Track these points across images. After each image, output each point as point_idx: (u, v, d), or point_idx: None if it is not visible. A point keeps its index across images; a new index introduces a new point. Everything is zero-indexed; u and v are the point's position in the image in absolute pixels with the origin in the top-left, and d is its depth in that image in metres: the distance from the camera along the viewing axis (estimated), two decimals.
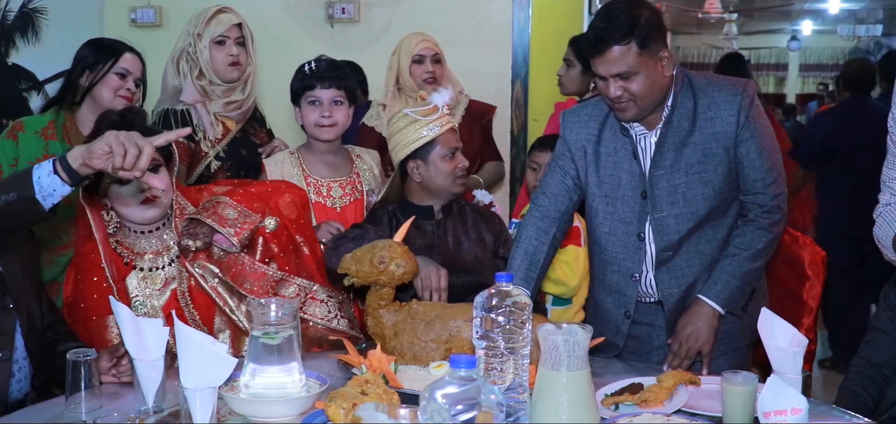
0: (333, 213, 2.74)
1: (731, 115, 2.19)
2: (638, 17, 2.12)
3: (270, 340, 1.80)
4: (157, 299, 2.26)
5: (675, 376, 1.94)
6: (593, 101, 2.40)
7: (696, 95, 2.23)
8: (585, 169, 2.35)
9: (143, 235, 2.30)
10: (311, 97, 2.72)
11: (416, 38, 3.47)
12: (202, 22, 2.98)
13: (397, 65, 3.45)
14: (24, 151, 2.71)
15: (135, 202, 2.23)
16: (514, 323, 1.66)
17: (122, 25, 4.57)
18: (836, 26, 15.03)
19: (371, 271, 2.12)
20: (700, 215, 2.24)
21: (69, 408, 1.83)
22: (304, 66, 2.78)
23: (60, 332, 2.20)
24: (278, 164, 2.78)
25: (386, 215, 2.58)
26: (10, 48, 4.88)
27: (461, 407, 1.41)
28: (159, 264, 2.29)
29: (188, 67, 2.99)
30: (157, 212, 2.27)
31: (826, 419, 1.85)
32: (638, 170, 2.28)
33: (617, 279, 2.35)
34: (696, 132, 2.21)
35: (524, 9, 4.70)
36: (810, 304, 2.74)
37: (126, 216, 2.27)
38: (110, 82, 2.73)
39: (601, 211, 2.33)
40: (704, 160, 2.22)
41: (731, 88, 2.22)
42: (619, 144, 2.30)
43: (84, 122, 2.78)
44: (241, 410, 1.79)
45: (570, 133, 2.38)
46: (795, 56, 17.03)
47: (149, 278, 2.27)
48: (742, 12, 14.01)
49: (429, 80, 3.39)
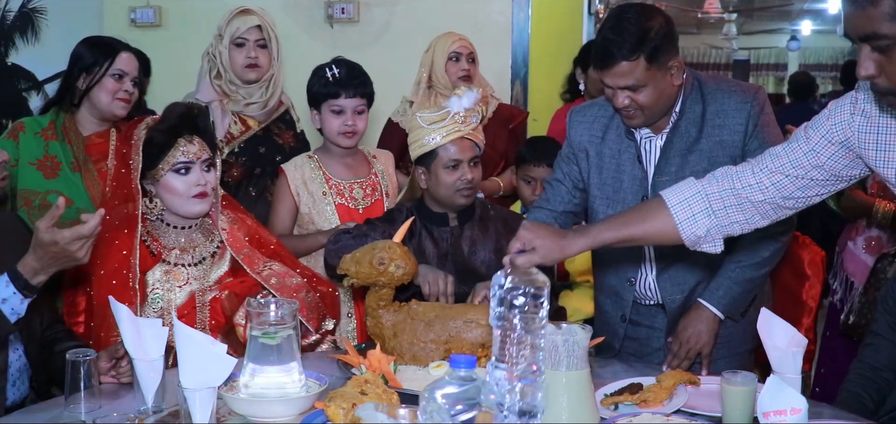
0: (356, 214, 2.75)
1: (739, 123, 2.17)
2: (647, 31, 2.08)
3: (270, 340, 1.80)
4: (176, 295, 2.28)
5: (675, 376, 1.94)
6: (600, 100, 2.37)
7: (705, 101, 2.20)
8: (588, 171, 2.34)
9: (175, 229, 2.33)
10: (336, 106, 2.72)
11: (452, 36, 3.49)
12: (225, 21, 3.00)
13: (431, 63, 3.47)
14: (24, 152, 2.72)
15: (189, 195, 2.26)
16: (532, 304, 1.60)
17: (122, 25, 4.57)
18: (835, 26, 15.02)
19: (371, 272, 2.12)
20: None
21: (68, 408, 1.82)
22: (325, 70, 2.74)
23: (59, 332, 2.19)
24: (298, 168, 2.78)
25: (402, 216, 2.55)
26: (9, 48, 4.88)
27: (461, 407, 1.40)
28: (185, 260, 2.31)
29: (207, 65, 3.00)
30: (205, 206, 2.30)
31: (826, 419, 1.85)
32: (640, 174, 2.27)
33: (614, 282, 2.36)
34: (703, 139, 2.19)
35: (524, 9, 4.70)
36: (810, 304, 2.74)
37: (175, 208, 2.29)
38: (107, 86, 2.73)
39: (601, 213, 2.31)
40: (709, 169, 2.15)
41: (741, 94, 2.19)
42: (622, 147, 2.29)
43: (83, 123, 2.79)
44: (241, 410, 1.79)
45: (575, 133, 2.36)
46: (795, 56, 17.03)
47: (172, 273, 2.28)
48: (742, 12, 14.03)
49: (464, 77, 3.41)
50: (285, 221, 2.74)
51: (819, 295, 2.67)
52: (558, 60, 4.01)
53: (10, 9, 4.82)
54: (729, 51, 16.45)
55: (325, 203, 2.74)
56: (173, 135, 2.25)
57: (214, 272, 2.34)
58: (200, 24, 4.16)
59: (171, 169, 2.25)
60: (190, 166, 2.26)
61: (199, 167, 2.27)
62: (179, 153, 2.25)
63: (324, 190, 2.75)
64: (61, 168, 2.71)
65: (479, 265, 2.52)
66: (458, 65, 3.44)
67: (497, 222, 2.59)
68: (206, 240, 2.36)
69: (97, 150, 2.77)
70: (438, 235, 2.55)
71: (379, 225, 2.53)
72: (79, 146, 2.74)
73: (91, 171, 2.73)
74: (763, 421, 1.59)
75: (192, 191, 2.27)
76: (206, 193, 2.28)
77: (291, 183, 2.75)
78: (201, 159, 2.28)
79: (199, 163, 2.27)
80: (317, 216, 2.74)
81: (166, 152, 2.25)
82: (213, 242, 2.37)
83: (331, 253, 2.47)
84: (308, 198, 2.75)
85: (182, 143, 2.25)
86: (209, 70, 3.00)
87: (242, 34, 2.98)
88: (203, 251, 2.34)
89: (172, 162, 2.25)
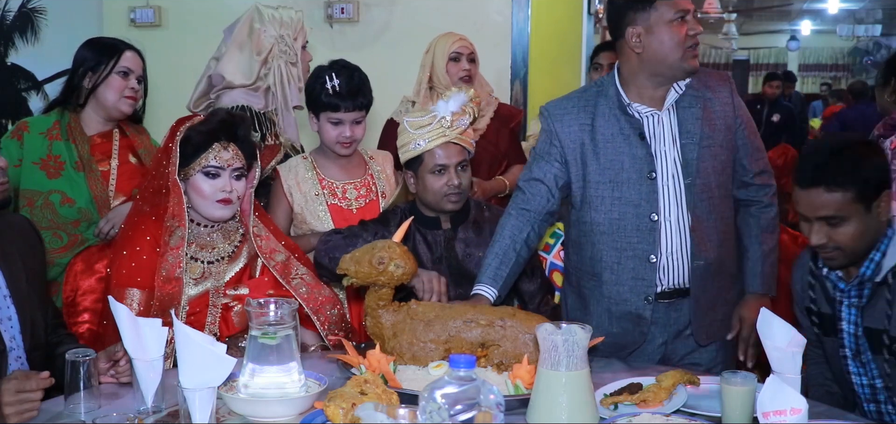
0: (350, 215, 2.75)
1: (726, 96, 2.35)
2: None
3: (269, 340, 1.80)
4: (191, 289, 2.31)
5: (674, 376, 1.93)
6: (576, 92, 2.42)
7: (690, 81, 2.34)
8: (582, 162, 2.33)
9: (198, 225, 2.38)
10: (334, 118, 2.73)
11: (452, 37, 3.49)
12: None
13: (431, 64, 3.46)
14: (28, 152, 2.72)
15: (213, 199, 2.32)
16: None
17: (122, 25, 4.57)
18: (835, 26, 15.06)
19: (370, 271, 2.12)
20: (711, 186, 2.31)
21: (68, 408, 1.83)
22: (325, 79, 2.72)
23: (61, 334, 2.19)
24: (292, 170, 2.79)
25: (396, 218, 2.55)
26: (9, 48, 4.88)
27: (460, 407, 1.41)
28: (203, 257, 2.35)
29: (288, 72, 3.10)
30: (227, 213, 2.35)
31: (826, 419, 1.85)
32: (642, 151, 2.28)
33: (633, 265, 2.31)
34: (700, 109, 2.32)
35: (523, 9, 4.70)
36: None
37: (198, 207, 2.36)
38: (113, 83, 2.73)
39: (607, 197, 2.31)
40: (712, 135, 2.32)
41: (717, 75, 2.41)
42: (616, 130, 2.31)
43: (88, 122, 2.78)
44: (240, 410, 1.79)
45: (562, 126, 2.35)
46: (794, 56, 17.05)
47: (189, 267, 2.32)
48: (741, 12, 14.05)
49: (465, 78, 3.41)
50: (281, 222, 2.75)
51: None
52: (558, 60, 4.02)
53: (9, 9, 4.81)
54: (728, 51, 16.48)
55: (318, 204, 2.75)
56: (210, 138, 2.32)
57: (228, 271, 2.37)
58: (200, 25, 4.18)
59: (202, 170, 2.31)
60: (219, 172, 2.32)
61: (228, 174, 2.33)
62: (212, 157, 2.31)
63: (317, 191, 2.76)
64: (65, 168, 2.71)
65: (473, 269, 2.46)
66: (459, 65, 3.44)
67: (492, 224, 2.53)
68: (225, 241, 2.40)
69: (101, 150, 2.77)
70: (432, 238, 2.54)
71: (371, 226, 2.53)
72: (83, 146, 2.74)
73: (95, 170, 2.73)
74: (763, 421, 1.59)
75: (217, 196, 2.32)
76: (230, 200, 2.34)
77: (284, 184, 2.76)
78: (232, 167, 2.33)
79: (230, 170, 2.33)
80: (309, 216, 2.75)
81: (201, 154, 2.31)
82: (231, 243, 2.41)
83: (321, 253, 2.48)
84: (300, 198, 2.75)
85: (217, 147, 2.32)
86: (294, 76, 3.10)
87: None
88: (221, 252, 2.38)
89: (204, 164, 2.31)
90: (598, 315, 2.36)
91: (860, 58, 15.64)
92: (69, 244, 2.67)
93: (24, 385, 1.82)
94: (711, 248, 2.32)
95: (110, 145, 2.79)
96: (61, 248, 2.67)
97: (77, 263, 2.44)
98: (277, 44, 3.07)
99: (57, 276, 2.59)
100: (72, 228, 2.69)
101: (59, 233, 2.68)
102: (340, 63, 2.77)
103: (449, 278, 2.46)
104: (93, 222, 2.69)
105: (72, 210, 2.69)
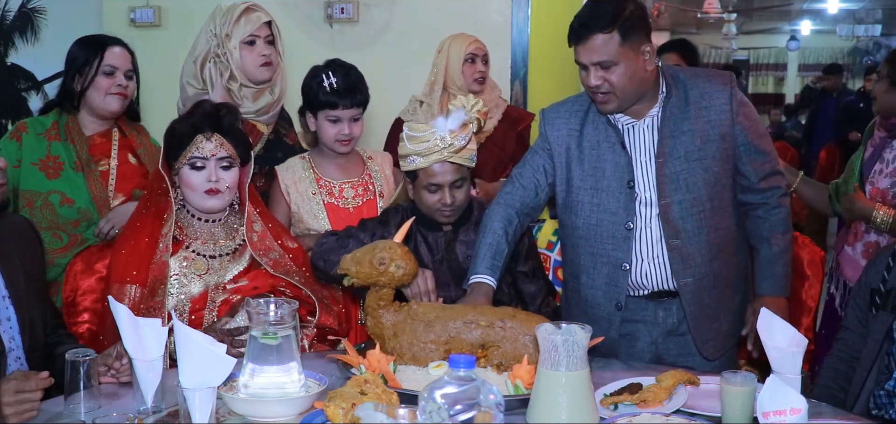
0: (346, 214, 2.75)
1: (724, 103, 2.30)
2: (622, 9, 2.21)
3: (270, 340, 1.80)
4: (194, 285, 2.32)
5: (674, 376, 1.94)
6: (573, 97, 2.46)
7: (686, 86, 2.33)
8: (567, 166, 2.38)
9: (198, 220, 2.40)
10: (332, 116, 2.72)
11: (466, 38, 3.48)
12: (230, 21, 2.87)
13: (445, 64, 3.45)
14: (27, 153, 2.71)
15: (201, 190, 2.34)
16: None
17: (122, 25, 4.56)
18: (834, 26, 15.05)
19: (371, 272, 2.12)
20: (702, 199, 2.29)
21: (68, 408, 1.83)
22: (322, 78, 2.70)
23: (60, 334, 2.19)
24: (289, 169, 2.79)
25: (396, 217, 2.55)
26: (8, 48, 4.88)
27: (460, 407, 1.41)
28: (205, 252, 2.37)
29: (217, 70, 2.90)
30: (217, 203, 2.36)
31: (826, 418, 1.85)
32: (624, 160, 2.32)
33: (607, 271, 2.37)
34: (691, 120, 2.29)
35: (523, 8, 4.69)
36: (809, 304, 2.75)
37: (190, 200, 2.38)
38: (99, 85, 2.72)
39: (587, 203, 2.36)
40: (703, 147, 2.29)
41: (718, 79, 2.36)
42: (602, 137, 2.35)
43: (85, 123, 2.78)
44: (240, 410, 1.79)
45: (552, 130, 2.42)
46: (794, 56, 17.05)
47: (191, 261, 2.34)
48: (741, 12, 14.04)
49: (479, 79, 3.42)
50: (280, 221, 2.74)
51: (818, 295, 2.68)
52: (558, 60, 4.00)
53: (9, 9, 4.81)
54: (728, 50, 16.47)
55: (315, 203, 2.75)
56: (194, 130, 2.33)
57: (231, 269, 2.38)
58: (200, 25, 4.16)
59: (187, 163, 2.33)
60: (205, 163, 2.32)
61: (214, 164, 2.33)
62: (195, 149, 2.32)
63: (313, 190, 2.76)
64: (64, 169, 2.71)
65: None
66: (475, 66, 3.44)
67: None
68: (228, 237, 2.41)
69: (100, 150, 2.77)
70: (433, 240, 2.55)
71: (370, 226, 2.54)
72: (82, 146, 2.74)
73: (94, 171, 2.73)
74: (763, 421, 1.59)
75: (204, 186, 2.34)
76: (219, 190, 2.34)
77: (282, 184, 2.76)
78: (217, 157, 2.33)
79: (214, 160, 2.33)
80: (306, 215, 2.75)
81: (185, 146, 2.33)
82: (234, 240, 2.42)
83: (316, 255, 2.48)
84: (297, 197, 2.75)
85: (200, 139, 2.32)
86: (220, 74, 2.88)
87: (254, 32, 2.87)
88: (223, 247, 2.39)
89: (188, 156, 2.32)
90: (578, 316, 2.38)
91: (860, 58, 15.63)
92: (69, 245, 2.67)
93: (24, 385, 1.82)
94: (702, 262, 2.32)
95: (109, 145, 2.79)
96: (61, 248, 2.67)
97: (77, 263, 2.45)
98: (212, 46, 2.91)
99: (57, 276, 2.59)
100: (71, 228, 2.69)
101: (59, 233, 2.68)
102: (336, 61, 2.77)
103: (450, 279, 2.46)
104: (92, 222, 2.69)
105: (71, 210, 2.69)
